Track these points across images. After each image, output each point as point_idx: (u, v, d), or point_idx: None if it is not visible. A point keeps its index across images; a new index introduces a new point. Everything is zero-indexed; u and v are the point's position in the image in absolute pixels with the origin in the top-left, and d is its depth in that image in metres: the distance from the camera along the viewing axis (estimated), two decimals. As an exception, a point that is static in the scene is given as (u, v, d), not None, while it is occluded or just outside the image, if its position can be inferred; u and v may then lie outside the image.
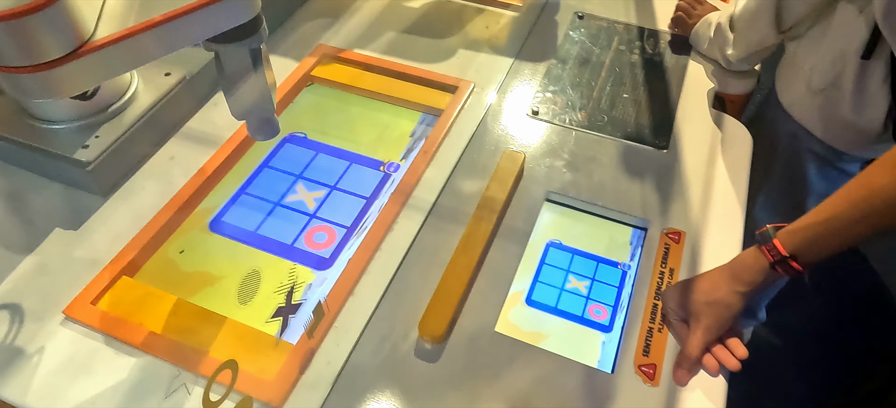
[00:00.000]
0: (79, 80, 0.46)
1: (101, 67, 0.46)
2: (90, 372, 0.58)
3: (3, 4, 0.40)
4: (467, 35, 0.98)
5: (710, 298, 0.60)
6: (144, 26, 0.46)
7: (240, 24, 0.52)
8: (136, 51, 0.47)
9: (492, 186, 0.73)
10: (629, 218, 0.74)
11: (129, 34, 0.46)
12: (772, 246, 0.58)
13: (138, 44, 0.47)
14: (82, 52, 0.44)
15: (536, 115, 0.85)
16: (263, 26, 0.55)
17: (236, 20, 0.52)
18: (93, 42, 0.45)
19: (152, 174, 0.76)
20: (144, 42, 0.47)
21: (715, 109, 0.87)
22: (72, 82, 0.45)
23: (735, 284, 0.59)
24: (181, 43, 0.49)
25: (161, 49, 0.49)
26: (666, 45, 0.97)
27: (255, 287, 0.66)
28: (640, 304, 0.65)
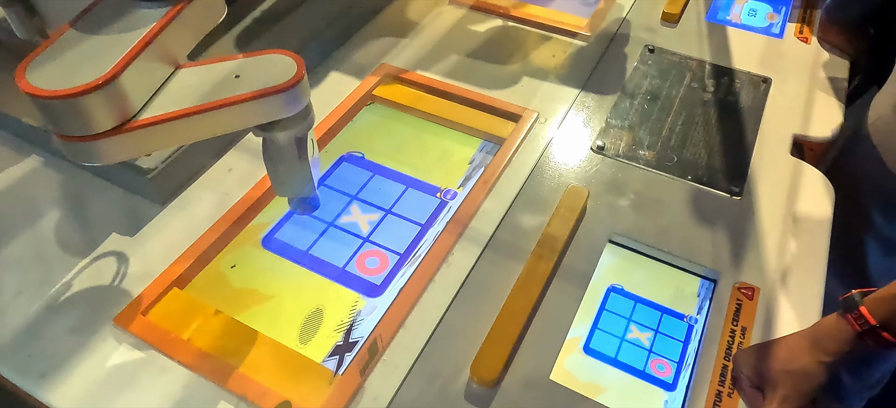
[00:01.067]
0: (121, 152, 0.49)
1: (143, 143, 0.49)
2: (134, 385, 0.57)
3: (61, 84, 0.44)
4: (532, 63, 0.96)
5: (789, 366, 0.55)
6: (188, 112, 0.49)
7: (288, 116, 0.52)
8: (179, 132, 0.50)
9: (553, 223, 0.70)
10: (698, 267, 0.69)
11: (172, 117, 0.48)
12: (858, 314, 0.53)
13: (180, 127, 0.49)
14: (126, 129, 0.47)
15: (601, 150, 0.81)
16: (311, 115, 0.55)
17: (284, 113, 0.52)
18: (136, 121, 0.48)
19: (210, 185, 0.76)
20: (186, 126, 0.49)
21: (794, 156, 0.82)
22: (115, 153, 0.48)
23: (817, 352, 0.54)
24: (225, 129, 0.51)
25: (204, 133, 0.51)
26: (742, 85, 0.92)
27: (317, 325, 0.64)
28: (708, 363, 0.60)
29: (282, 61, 0.52)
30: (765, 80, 0.93)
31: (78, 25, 0.49)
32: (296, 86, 0.51)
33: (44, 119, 0.46)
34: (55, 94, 0.44)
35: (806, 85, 0.93)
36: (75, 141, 0.46)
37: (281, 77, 0.50)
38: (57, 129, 0.46)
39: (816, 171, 0.80)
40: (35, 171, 0.76)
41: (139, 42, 0.47)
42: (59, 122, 0.46)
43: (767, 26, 1.05)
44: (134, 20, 0.49)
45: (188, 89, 0.50)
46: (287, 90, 0.50)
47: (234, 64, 0.52)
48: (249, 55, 0.53)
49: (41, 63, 0.46)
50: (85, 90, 0.44)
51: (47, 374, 0.58)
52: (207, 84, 0.50)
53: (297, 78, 0.51)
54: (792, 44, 1.01)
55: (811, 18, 1.07)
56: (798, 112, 0.88)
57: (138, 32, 0.48)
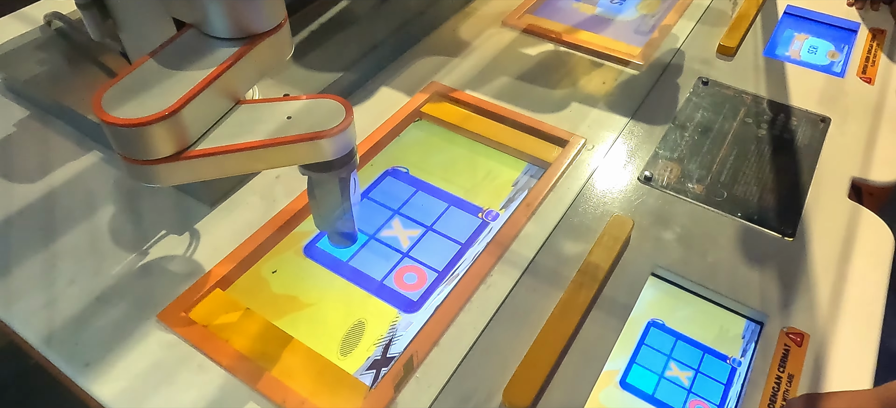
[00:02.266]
0: (177, 177, 0.53)
1: (197, 172, 0.53)
2: (173, 382, 0.58)
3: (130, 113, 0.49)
4: (582, 88, 0.95)
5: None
6: (240, 147, 0.52)
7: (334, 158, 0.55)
8: (230, 165, 0.54)
9: (595, 252, 0.69)
10: (744, 308, 0.67)
11: (225, 151, 0.52)
12: None
13: (232, 160, 0.53)
14: (183, 157, 0.51)
15: (649, 181, 0.80)
16: (355, 158, 0.58)
17: (329, 156, 0.55)
18: (193, 151, 0.52)
19: (257, 190, 0.77)
20: (238, 160, 0.53)
21: (851, 199, 0.79)
22: (171, 177, 0.52)
23: None
24: (273, 166, 0.55)
25: (254, 167, 0.55)
26: (799, 123, 0.89)
27: (358, 338, 0.64)
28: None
29: (331, 106, 0.55)
30: (823, 120, 0.90)
31: (157, 57, 0.53)
32: (342, 132, 0.54)
33: (111, 141, 0.50)
34: (124, 122, 0.48)
35: (867, 126, 0.90)
36: (137, 164, 0.50)
37: (329, 121, 0.54)
38: (123, 152, 0.50)
39: (876, 216, 0.77)
40: (95, 165, 0.79)
41: (206, 78, 0.52)
42: (125, 146, 0.50)
43: (828, 64, 1.02)
44: (206, 55, 0.54)
45: (243, 126, 0.54)
46: (334, 136, 0.53)
47: (287, 105, 0.56)
48: (302, 98, 0.56)
49: (117, 89, 0.50)
50: (150, 121, 0.48)
51: (91, 363, 0.59)
52: (261, 122, 0.54)
53: (345, 125, 0.54)
54: (854, 83, 0.98)
55: (875, 58, 1.03)
56: (858, 154, 0.85)
57: (207, 68, 0.52)
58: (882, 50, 1.05)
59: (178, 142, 0.51)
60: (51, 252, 0.69)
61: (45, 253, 0.69)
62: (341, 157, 0.56)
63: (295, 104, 0.56)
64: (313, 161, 0.56)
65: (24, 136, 0.84)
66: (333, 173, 0.57)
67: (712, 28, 1.09)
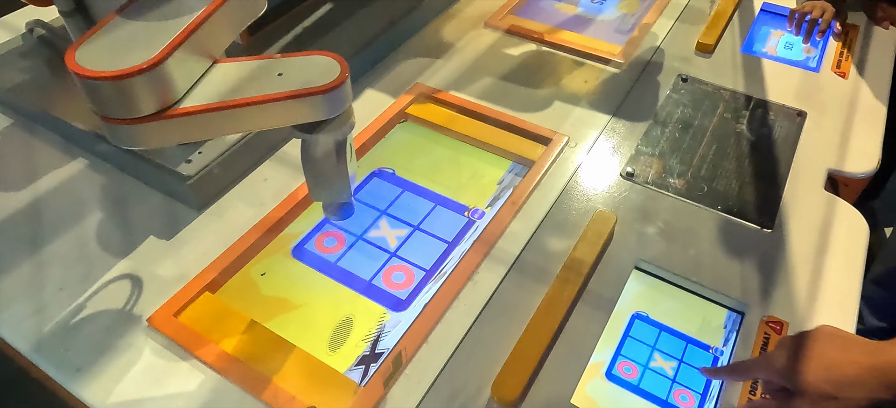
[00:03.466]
0: (161, 138, 0.49)
1: (183, 132, 0.50)
2: (164, 385, 0.59)
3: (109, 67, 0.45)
4: (565, 87, 0.96)
5: (837, 388, 0.49)
6: (229, 105, 0.49)
7: (329, 118, 0.52)
8: (219, 124, 0.50)
9: (579, 247, 0.70)
10: (725, 299, 0.69)
11: (213, 109, 0.49)
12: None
13: (220, 119, 0.50)
14: (167, 115, 0.48)
15: (631, 177, 0.82)
16: (352, 119, 0.55)
17: (325, 114, 0.52)
18: (176, 109, 0.49)
19: (245, 194, 0.78)
20: (226, 119, 0.50)
21: (828, 191, 0.81)
22: (155, 138, 0.49)
23: (880, 389, 0.48)
24: (264, 126, 0.52)
25: (243, 127, 0.52)
26: (776, 117, 0.91)
27: (346, 334, 0.65)
28: (733, 397, 0.59)
29: (325, 62, 0.52)
30: (800, 114, 0.92)
31: (125, 13, 0.50)
32: (338, 87, 0.50)
33: (90, 100, 0.47)
34: (103, 75, 0.45)
35: (842, 120, 0.92)
36: (118, 123, 0.47)
37: (324, 78, 0.50)
38: (102, 110, 0.47)
39: (851, 207, 0.79)
40: (81, 172, 0.79)
41: (184, 29, 0.48)
42: (105, 103, 0.47)
43: (804, 60, 1.04)
44: (178, 9, 0.50)
45: (230, 83, 0.50)
46: (329, 91, 0.50)
47: (277, 62, 0.52)
48: (293, 55, 0.53)
49: (90, 46, 0.47)
50: (130, 73, 0.45)
51: (82, 369, 0.60)
52: (250, 79, 0.51)
53: (341, 79, 0.50)
54: (829, 78, 1.00)
55: (849, 53, 1.05)
56: (834, 147, 0.87)
57: (183, 21, 0.49)
58: (855, 45, 1.08)
59: (160, 98, 0.47)
60: (39, 259, 0.69)
61: (32, 260, 0.69)
62: (337, 116, 0.53)
63: (286, 61, 0.52)
64: (307, 120, 0.52)
65: (8, 144, 0.83)
66: (329, 135, 0.54)
67: (691, 26, 1.11)
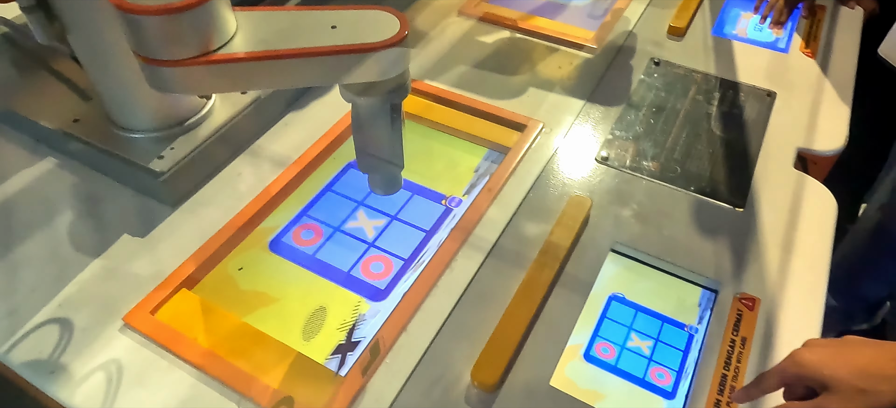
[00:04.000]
0: (200, 84, 0.46)
1: (224, 79, 0.46)
2: (143, 383, 0.58)
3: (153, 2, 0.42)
4: (539, 74, 0.97)
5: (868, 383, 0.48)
6: (274, 54, 0.45)
7: (385, 78, 0.48)
8: (260, 76, 0.47)
9: (556, 232, 0.71)
10: (699, 278, 0.70)
11: (257, 58, 0.45)
12: None
13: (263, 70, 0.46)
14: (209, 59, 0.44)
15: (605, 161, 0.82)
16: (408, 82, 0.50)
17: (379, 74, 0.47)
18: (220, 54, 0.45)
19: (220, 189, 0.77)
20: (270, 70, 0.46)
21: (797, 169, 0.83)
22: (195, 84, 0.46)
23: None
24: (312, 81, 0.47)
25: (287, 81, 0.48)
26: (747, 98, 0.93)
27: (320, 324, 0.65)
28: (707, 372, 0.61)
29: (383, 18, 0.47)
30: (769, 94, 0.94)
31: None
32: (397, 45, 0.46)
33: (130, 38, 0.44)
34: (146, 9, 0.42)
35: (811, 99, 0.94)
36: (158, 65, 0.44)
37: (381, 34, 0.45)
38: (141, 49, 0.44)
39: (820, 184, 0.80)
40: (51, 172, 0.78)
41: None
42: (145, 41, 0.43)
43: (773, 41, 1.06)
44: None
45: (279, 32, 0.46)
46: (387, 49, 0.45)
47: (330, 13, 0.47)
48: (347, 7, 0.48)
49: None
50: (176, 8, 0.42)
51: (57, 370, 0.59)
52: (300, 29, 0.46)
53: (399, 37, 0.46)
54: (797, 58, 1.02)
55: (817, 34, 1.07)
56: (803, 126, 0.89)
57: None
58: (822, 25, 1.10)
59: (204, 40, 0.44)
60: (10, 262, 0.68)
61: (4, 262, 0.68)
62: (394, 77, 0.47)
63: (340, 13, 0.47)
64: (359, 79, 0.47)
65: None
66: (384, 98, 0.49)
67: (662, 10, 1.12)
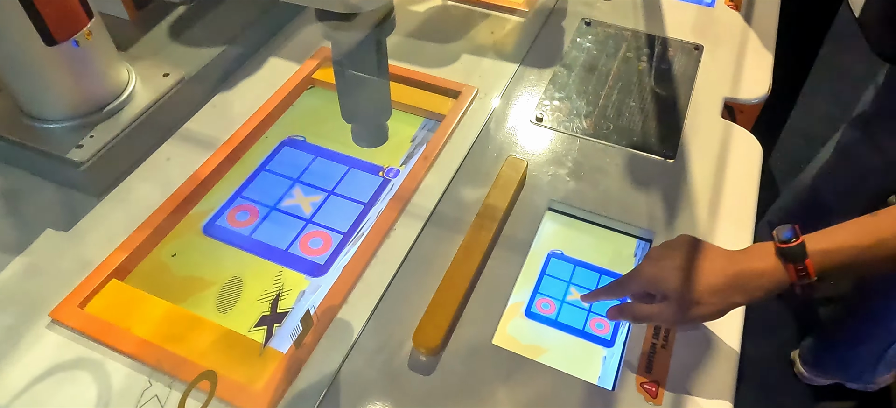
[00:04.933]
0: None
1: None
2: (74, 378, 0.56)
3: None
4: (472, 40, 0.97)
5: (700, 295, 0.53)
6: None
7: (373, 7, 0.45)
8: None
9: (493, 194, 0.71)
10: (634, 229, 0.72)
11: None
12: (803, 267, 0.51)
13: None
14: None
15: (540, 122, 0.83)
16: (393, 16, 0.48)
17: None
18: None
19: (148, 176, 0.75)
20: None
21: (725, 118, 0.85)
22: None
23: (736, 294, 0.53)
24: None
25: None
26: (675, 52, 0.95)
27: (236, 295, 0.64)
28: (643, 318, 0.62)
29: None
30: (697, 48, 0.96)
31: None
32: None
33: None
34: None
35: (736, 51, 0.96)
36: None
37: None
38: None
39: (747, 131, 0.83)
40: (-37, 171, 0.74)
41: None
42: None
43: (699, -4, 1.08)
44: None
45: None
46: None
47: None
48: None
49: None
50: None
51: (-17, 373, 0.56)
52: None
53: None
54: (722, 11, 1.04)
55: (740, -14, 1.10)
56: (729, 76, 0.91)
57: None
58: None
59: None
60: (-77, 266, 0.65)
61: (-84, 268, 0.64)
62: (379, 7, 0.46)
63: None
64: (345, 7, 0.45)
65: None
66: (369, 34, 0.47)
67: (592, -29, 1.13)
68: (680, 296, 0.54)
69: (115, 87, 0.74)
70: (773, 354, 1.47)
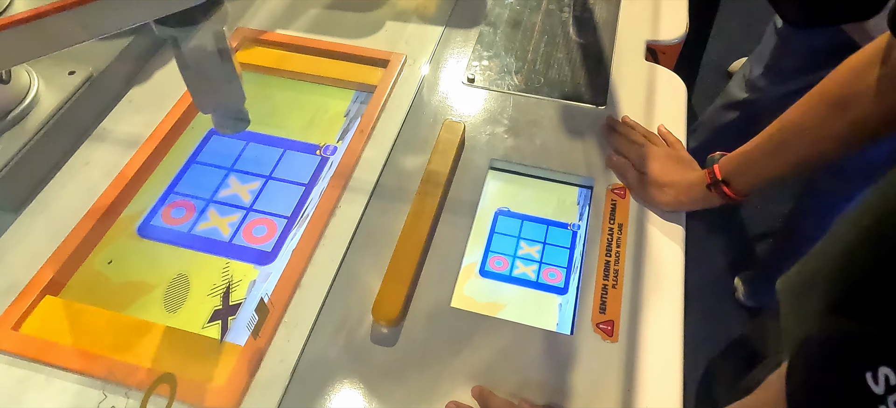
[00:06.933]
0: None
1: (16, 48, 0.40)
2: (17, 403, 0.53)
3: None
4: (394, 6, 0.95)
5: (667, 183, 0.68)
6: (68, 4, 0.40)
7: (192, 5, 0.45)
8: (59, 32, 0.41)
9: (434, 160, 0.71)
10: (574, 178, 0.73)
11: (51, 11, 0.39)
12: (712, 170, 0.64)
13: (61, 23, 0.40)
14: None
15: (472, 82, 0.83)
16: (224, 6, 0.48)
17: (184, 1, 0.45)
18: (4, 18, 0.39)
19: (67, 183, 0.70)
20: (69, 22, 0.41)
21: (648, 60, 0.88)
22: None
23: (681, 194, 0.67)
24: (115, 26, 0.43)
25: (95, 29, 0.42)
26: (595, 1, 0.96)
27: (184, 292, 0.62)
28: (592, 263, 0.64)
29: None
30: (599, -6, 0.98)
31: None
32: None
33: None
34: None
35: (651, -6, 0.99)
36: None
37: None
38: None
39: (670, 71, 0.86)
40: None
41: None
42: None
43: (611, -57, 1.10)
44: None
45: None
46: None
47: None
48: None
49: None
50: None
51: (-88, 415, 0.52)
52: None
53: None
54: None
55: (649, -69, 1.12)
56: (648, 19, 0.94)
57: None
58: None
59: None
60: None
61: None
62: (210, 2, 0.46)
63: None
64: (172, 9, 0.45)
65: None
66: (206, 27, 0.47)
67: (505, -74, 1.13)
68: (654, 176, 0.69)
69: (16, 91, 0.69)
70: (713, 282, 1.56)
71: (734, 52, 2.04)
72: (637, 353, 0.58)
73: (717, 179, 0.64)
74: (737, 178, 0.63)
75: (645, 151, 0.71)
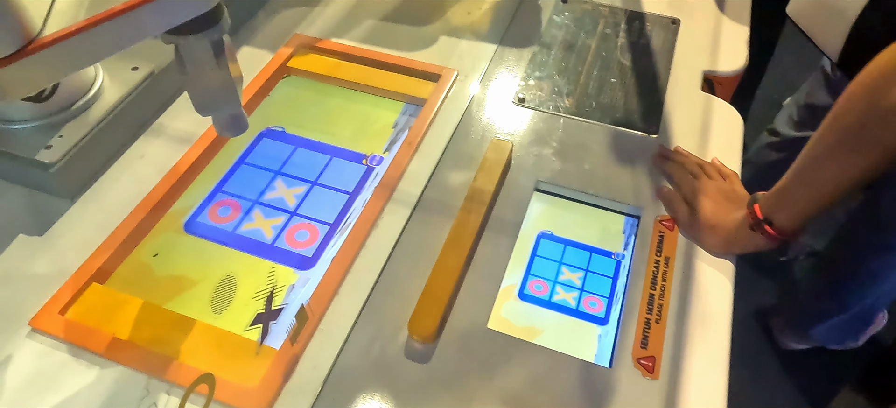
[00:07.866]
0: (29, 80, 0.44)
1: (52, 66, 0.45)
2: (59, 387, 0.54)
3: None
4: (449, 22, 0.95)
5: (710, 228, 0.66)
6: (95, 20, 0.44)
7: (199, 15, 0.49)
8: (89, 47, 0.45)
9: (479, 177, 0.71)
10: (621, 206, 0.72)
11: (80, 29, 0.44)
12: (752, 210, 0.62)
13: (90, 39, 0.45)
14: (30, 50, 0.42)
15: (522, 102, 0.82)
16: (225, 17, 0.51)
17: (195, 11, 0.48)
18: (41, 39, 0.43)
19: (122, 174, 0.72)
20: (96, 37, 0.45)
21: (704, 91, 0.86)
22: (21, 82, 0.43)
23: (730, 237, 0.65)
24: (136, 37, 0.47)
25: (115, 44, 0.47)
26: (653, 27, 0.95)
27: (230, 294, 0.63)
28: (635, 294, 0.62)
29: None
30: (674, 22, 0.96)
31: None
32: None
33: None
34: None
35: (712, 23, 0.97)
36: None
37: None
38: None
39: (726, 103, 0.83)
40: (-75, 178, 0.71)
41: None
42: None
43: (673, -31, 1.08)
44: None
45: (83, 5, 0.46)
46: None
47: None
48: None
49: None
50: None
51: (-39, 389, 0.54)
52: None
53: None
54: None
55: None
56: (706, 49, 0.92)
57: None
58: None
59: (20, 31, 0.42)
60: None
61: None
62: (207, 13, 0.49)
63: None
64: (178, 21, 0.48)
65: None
66: (203, 35, 0.50)
67: (565, -53, 1.12)
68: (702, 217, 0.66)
69: (82, 84, 0.71)
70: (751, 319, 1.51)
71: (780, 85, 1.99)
72: (678, 392, 0.56)
73: (758, 218, 0.61)
74: (777, 213, 0.60)
75: (698, 185, 0.68)
